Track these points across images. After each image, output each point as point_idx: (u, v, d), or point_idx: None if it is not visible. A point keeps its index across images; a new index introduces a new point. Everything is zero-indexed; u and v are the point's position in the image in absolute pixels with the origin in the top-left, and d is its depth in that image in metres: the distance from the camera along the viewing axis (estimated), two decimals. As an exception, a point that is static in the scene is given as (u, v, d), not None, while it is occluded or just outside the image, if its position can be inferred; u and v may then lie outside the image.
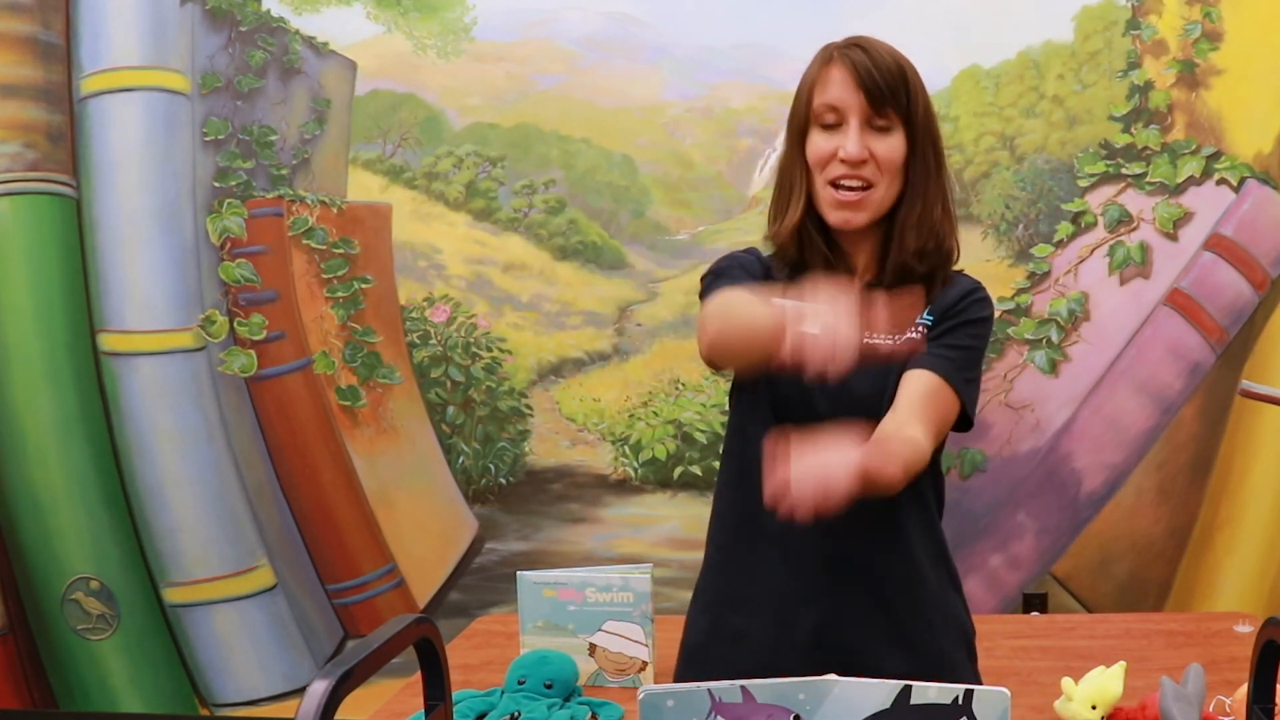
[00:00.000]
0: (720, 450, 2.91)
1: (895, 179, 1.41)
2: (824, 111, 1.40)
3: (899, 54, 1.41)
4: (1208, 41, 2.68)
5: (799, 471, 1.15)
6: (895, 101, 1.38)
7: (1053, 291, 2.75)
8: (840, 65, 1.39)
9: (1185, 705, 1.30)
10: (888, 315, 1.24)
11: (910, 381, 1.39)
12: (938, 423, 1.39)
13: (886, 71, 1.38)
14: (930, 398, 1.38)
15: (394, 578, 2.99)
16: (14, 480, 3.02)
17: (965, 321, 1.43)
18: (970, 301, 1.45)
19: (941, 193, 1.45)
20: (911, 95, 1.40)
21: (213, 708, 3.05)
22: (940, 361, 1.40)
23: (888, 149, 1.39)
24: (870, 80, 1.37)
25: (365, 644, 0.90)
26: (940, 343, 1.42)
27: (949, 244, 1.45)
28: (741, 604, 1.48)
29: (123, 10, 2.89)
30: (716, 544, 1.55)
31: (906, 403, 1.37)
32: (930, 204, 1.43)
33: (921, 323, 1.43)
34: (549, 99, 2.87)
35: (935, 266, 1.45)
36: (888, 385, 1.40)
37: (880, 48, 1.41)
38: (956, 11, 2.69)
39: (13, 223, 2.96)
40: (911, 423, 1.35)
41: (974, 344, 1.44)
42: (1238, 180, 2.69)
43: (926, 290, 1.44)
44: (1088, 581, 2.80)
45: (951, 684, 0.93)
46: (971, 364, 1.43)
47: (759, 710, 0.93)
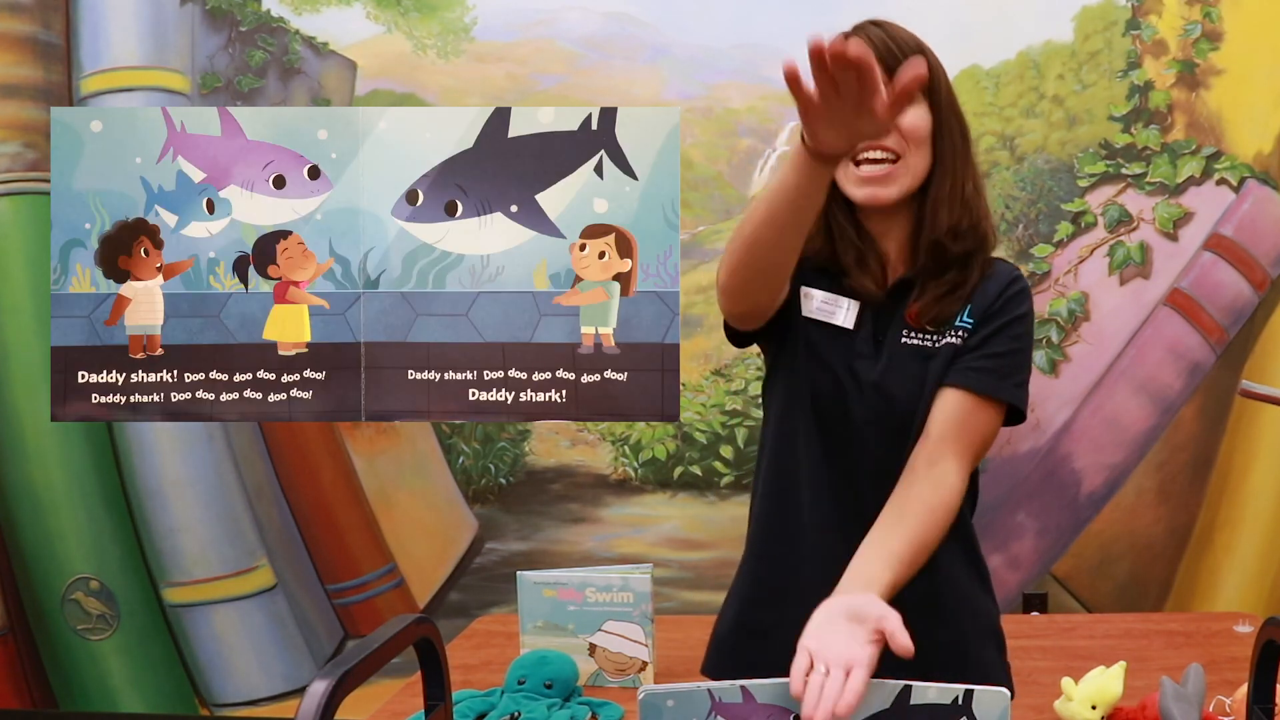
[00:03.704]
0: (720, 450, 2.93)
1: (923, 150, 1.38)
2: None
3: (916, 36, 1.39)
4: (1208, 41, 2.68)
5: (817, 680, 1.06)
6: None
7: (1053, 292, 2.75)
8: (857, 41, 1.38)
9: (1185, 705, 1.30)
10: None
11: (944, 403, 1.37)
12: (974, 448, 1.37)
13: (905, 44, 1.36)
14: (964, 422, 1.36)
15: (394, 578, 2.99)
16: (14, 480, 3.02)
17: (1005, 323, 1.40)
18: (1008, 298, 1.41)
19: (972, 170, 1.42)
20: (932, 69, 1.37)
21: (213, 708, 3.05)
22: (979, 376, 1.37)
23: (913, 119, 1.36)
24: (889, 52, 1.34)
25: (365, 644, 0.90)
26: (980, 352, 1.39)
27: (984, 226, 1.42)
28: (771, 600, 1.48)
29: (123, 10, 2.90)
30: (751, 539, 1.55)
31: (939, 431, 1.35)
32: (961, 180, 1.40)
33: (962, 325, 1.40)
34: (549, 99, 2.87)
35: (971, 249, 1.41)
36: (925, 386, 1.38)
37: (897, 26, 1.39)
38: (956, 11, 2.69)
39: (13, 223, 2.97)
40: (944, 458, 1.33)
41: (1017, 346, 1.40)
42: (1238, 180, 2.69)
43: (964, 279, 1.41)
44: (1088, 581, 2.80)
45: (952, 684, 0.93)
46: (1016, 369, 1.40)
47: (759, 710, 0.93)
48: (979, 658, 1.47)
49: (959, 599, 1.47)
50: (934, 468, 1.32)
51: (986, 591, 1.52)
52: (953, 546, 1.46)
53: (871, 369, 1.41)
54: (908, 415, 1.38)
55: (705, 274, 2.82)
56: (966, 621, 1.48)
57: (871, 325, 1.42)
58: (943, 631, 1.44)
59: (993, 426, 1.39)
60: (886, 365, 1.40)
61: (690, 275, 2.78)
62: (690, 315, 2.79)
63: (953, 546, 1.46)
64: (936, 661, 1.35)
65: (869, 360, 1.41)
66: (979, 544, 1.51)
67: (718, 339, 2.82)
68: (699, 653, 1.65)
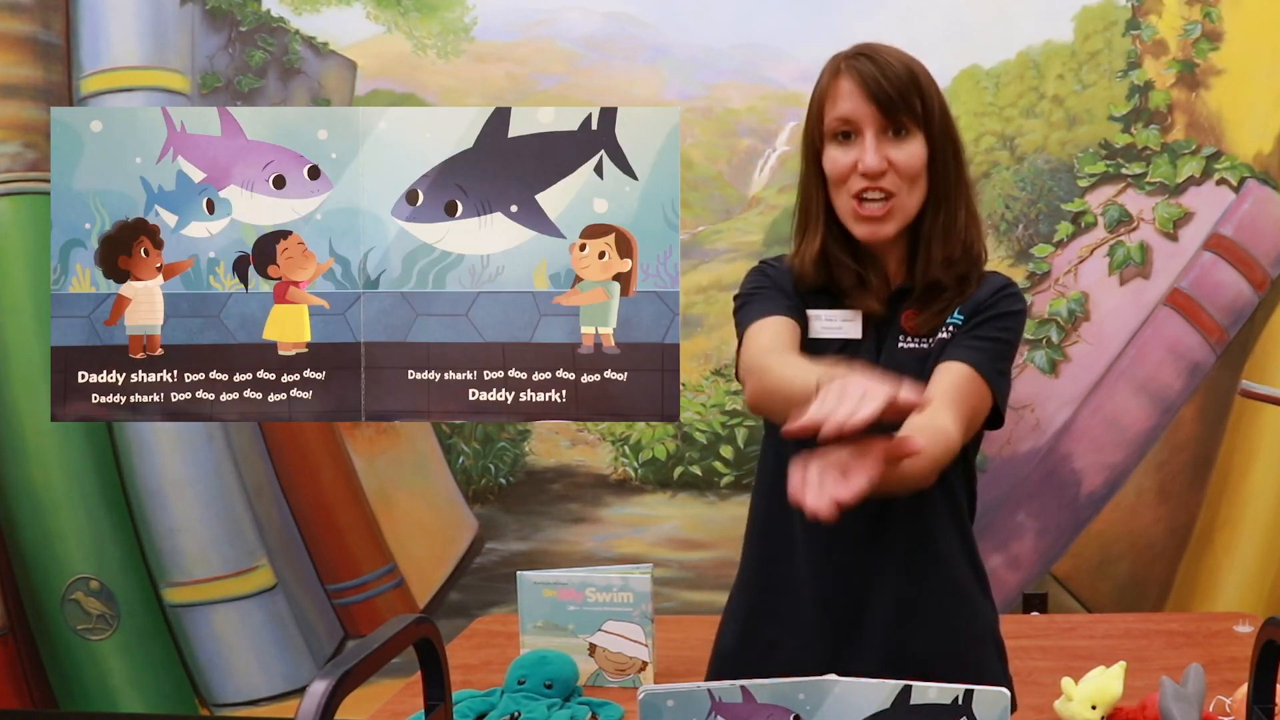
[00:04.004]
0: (720, 450, 2.93)
1: (918, 184, 1.39)
2: (837, 126, 1.38)
3: (908, 58, 1.39)
4: (1208, 41, 2.68)
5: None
6: (908, 108, 1.36)
7: (1053, 291, 2.75)
8: (848, 77, 1.37)
9: (1185, 705, 1.30)
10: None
11: (941, 373, 1.38)
12: (969, 413, 1.37)
13: (896, 79, 1.35)
14: (960, 388, 1.36)
15: (394, 578, 2.99)
16: (14, 480, 3.02)
17: (996, 315, 1.41)
18: (1001, 297, 1.43)
19: (965, 196, 1.43)
20: (925, 99, 1.37)
21: (213, 708, 3.05)
22: (970, 352, 1.38)
23: (907, 156, 1.37)
24: (880, 90, 1.35)
25: (365, 644, 0.90)
26: (970, 333, 1.40)
27: (976, 248, 1.43)
28: (774, 614, 1.48)
29: (123, 10, 2.89)
30: (749, 553, 1.55)
31: (937, 394, 1.35)
32: (955, 210, 1.41)
33: (952, 322, 1.42)
34: (549, 99, 2.87)
35: (964, 272, 1.43)
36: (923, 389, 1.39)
37: (888, 54, 1.38)
38: (956, 11, 2.69)
39: (13, 223, 2.97)
40: (942, 412, 1.33)
41: (1005, 336, 1.42)
42: (1238, 180, 2.69)
43: (960, 294, 1.43)
44: (1088, 581, 2.80)
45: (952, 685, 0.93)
46: (1002, 356, 1.41)
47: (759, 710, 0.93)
48: (978, 662, 1.46)
49: (959, 599, 1.47)
50: (931, 420, 1.32)
51: (985, 595, 1.51)
52: (953, 545, 1.46)
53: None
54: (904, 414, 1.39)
55: (705, 274, 2.82)
56: (965, 622, 1.48)
57: (874, 334, 1.44)
58: (941, 633, 1.44)
59: (983, 402, 1.40)
60: (886, 370, 1.41)
61: (690, 275, 2.79)
62: (690, 315, 2.79)
63: (953, 545, 1.46)
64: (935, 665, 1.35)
65: (869, 366, 1.42)
66: (978, 548, 1.51)
67: (718, 339, 2.82)
68: (699, 653, 1.65)
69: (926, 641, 1.43)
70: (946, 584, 1.45)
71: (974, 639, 1.49)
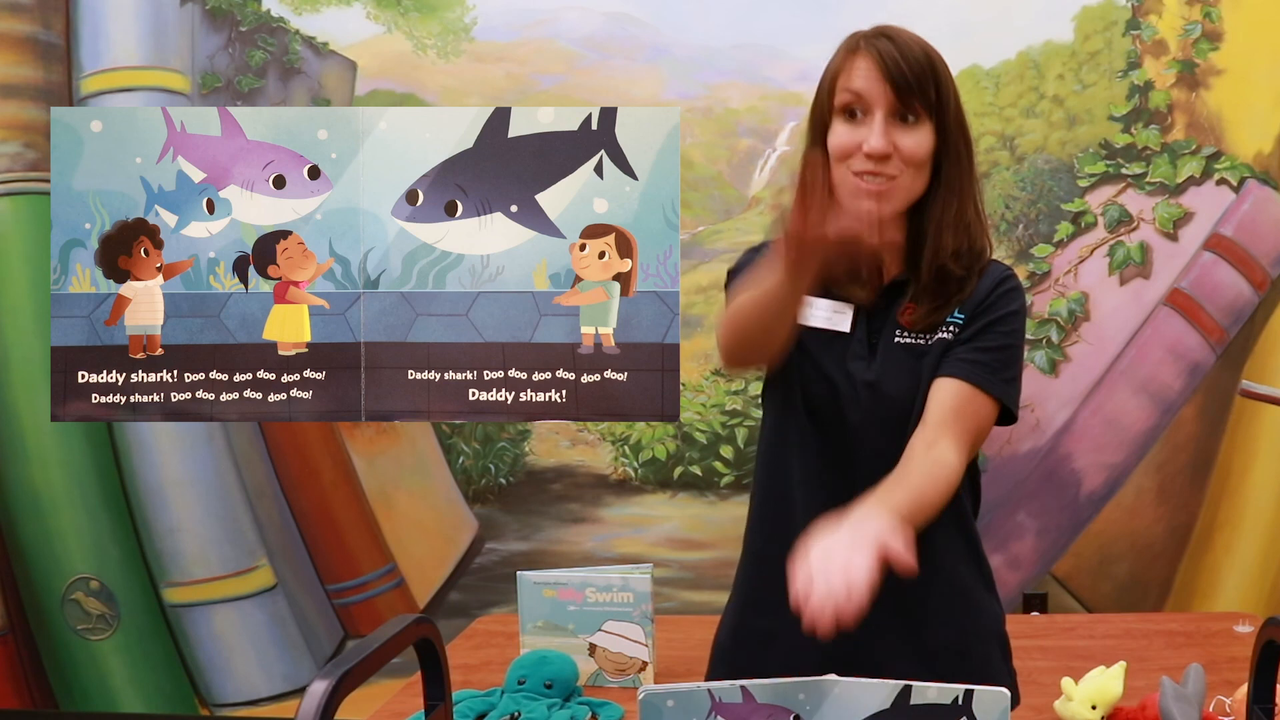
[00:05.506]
0: (720, 450, 2.93)
1: (921, 172, 1.38)
2: (848, 100, 1.35)
3: (928, 45, 1.37)
4: (1208, 41, 2.68)
5: (819, 584, 1.11)
6: (923, 94, 1.34)
7: (1053, 291, 2.75)
8: (866, 55, 1.35)
9: (1185, 705, 1.30)
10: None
11: (940, 392, 1.37)
12: (971, 434, 1.37)
13: (914, 63, 1.33)
14: (960, 410, 1.35)
15: (394, 578, 2.99)
16: (14, 480, 3.02)
17: (996, 319, 1.40)
18: (1000, 294, 1.41)
19: (974, 190, 1.42)
20: (941, 88, 1.36)
21: (213, 708, 3.05)
22: (972, 368, 1.37)
23: (914, 143, 1.35)
24: (898, 71, 1.33)
25: (365, 644, 0.90)
26: (971, 345, 1.39)
27: (981, 244, 1.42)
28: (770, 607, 1.48)
29: (123, 10, 2.89)
30: (748, 546, 1.55)
31: (936, 417, 1.34)
32: (965, 202, 1.40)
33: (953, 321, 1.40)
34: (549, 99, 2.87)
35: (970, 266, 1.41)
36: (919, 385, 1.39)
37: (908, 38, 1.36)
38: (956, 11, 2.69)
39: (13, 223, 2.97)
40: (941, 440, 1.33)
41: (1007, 341, 1.40)
42: (1238, 180, 2.69)
43: (961, 290, 1.41)
44: (1088, 581, 2.80)
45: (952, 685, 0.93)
46: (1007, 363, 1.40)
47: (759, 710, 0.93)
48: (981, 658, 1.46)
49: (962, 597, 1.47)
50: (931, 449, 1.32)
51: (989, 591, 1.51)
52: (956, 542, 1.46)
53: (866, 369, 1.41)
54: (903, 413, 1.39)
55: (705, 274, 2.82)
56: (968, 620, 1.47)
57: (865, 327, 1.43)
58: (943, 630, 1.44)
59: (988, 416, 1.39)
60: (881, 365, 1.40)
61: (690, 275, 2.78)
62: (690, 315, 2.79)
63: (956, 542, 1.46)
64: (936, 665, 1.35)
65: (863, 361, 1.41)
66: (981, 545, 1.51)
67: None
68: (699, 653, 1.65)
69: (929, 638, 1.43)
70: (950, 581, 1.45)
71: (977, 635, 1.48)
